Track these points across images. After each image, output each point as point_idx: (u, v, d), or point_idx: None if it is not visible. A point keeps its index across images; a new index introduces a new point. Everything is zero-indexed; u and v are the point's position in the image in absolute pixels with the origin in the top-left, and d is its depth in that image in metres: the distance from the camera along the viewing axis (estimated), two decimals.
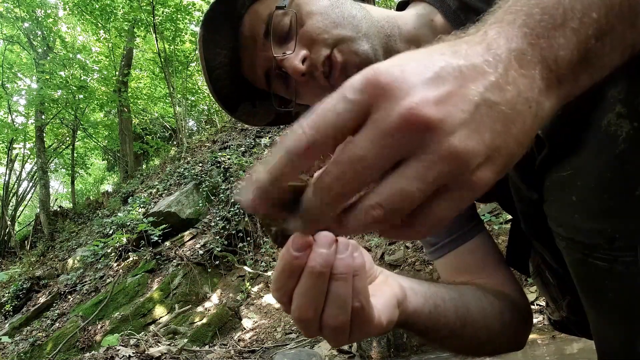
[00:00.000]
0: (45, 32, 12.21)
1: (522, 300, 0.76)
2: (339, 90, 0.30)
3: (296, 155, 0.30)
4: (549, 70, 0.32)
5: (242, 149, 7.81)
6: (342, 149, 0.29)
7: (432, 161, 0.28)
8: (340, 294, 0.39)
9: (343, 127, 0.29)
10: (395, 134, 0.28)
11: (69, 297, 6.42)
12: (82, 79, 12.12)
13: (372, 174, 0.29)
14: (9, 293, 7.28)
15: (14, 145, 12.93)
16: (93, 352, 4.21)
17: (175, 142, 11.92)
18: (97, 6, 10.86)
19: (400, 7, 0.82)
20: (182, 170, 7.63)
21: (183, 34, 10.83)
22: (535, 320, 2.96)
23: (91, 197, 13.77)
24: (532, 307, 3.09)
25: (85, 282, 6.45)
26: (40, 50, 12.35)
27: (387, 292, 0.49)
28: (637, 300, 0.46)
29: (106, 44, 12.72)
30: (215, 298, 5.45)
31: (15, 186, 13.48)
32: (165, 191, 7.58)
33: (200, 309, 5.27)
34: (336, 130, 0.29)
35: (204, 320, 4.94)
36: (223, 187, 6.67)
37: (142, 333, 4.66)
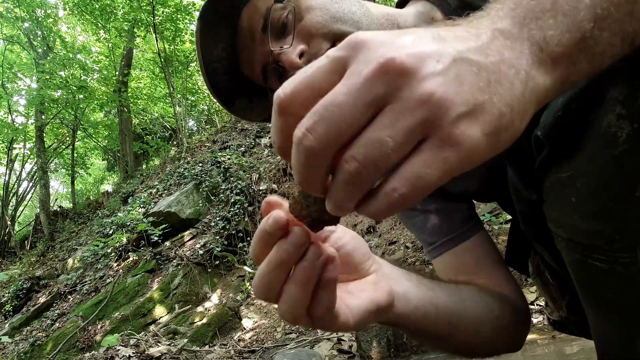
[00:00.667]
0: (45, 32, 12.22)
1: (520, 301, 0.76)
2: (323, 55, 0.31)
3: (281, 114, 0.31)
4: (539, 49, 0.31)
5: (242, 149, 7.81)
6: (320, 101, 0.29)
7: (405, 106, 0.28)
8: (293, 295, 0.39)
9: (322, 81, 0.30)
10: (369, 82, 0.27)
11: (69, 297, 6.42)
12: (82, 79, 12.12)
13: (349, 126, 0.28)
14: (9, 293, 7.28)
15: (14, 145, 12.94)
16: (93, 352, 4.21)
17: (175, 142, 11.92)
18: (97, 6, 10.86)
19: (399, 5, 0.82)
20: (182, 170, 7.63)
21: (183, 34, 10.83)
22: (535, 320, 2.96)
23: (91, 197, 13.77)
24: (532, 307, 3.09)
25: (85, 282, 6.45)
26: (40, 50, 12.36)
27: (366, 296, 0.47)
28: (637, 300, 0.46)
29: (106, 44, 12.72)
30: (215, 298, 5.45)
31: (15, 186, 13.49)
32: (165, 191, 7.58)
33: (200, 309, 5.27)
34: (315, 84, 0.30)
35: (204, 320, 4.94)
36: (223, 187, 6.67)
37: (142, 333, 4.66)
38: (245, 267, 5.69)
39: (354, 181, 0.29)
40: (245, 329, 4.78)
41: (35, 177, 13.61)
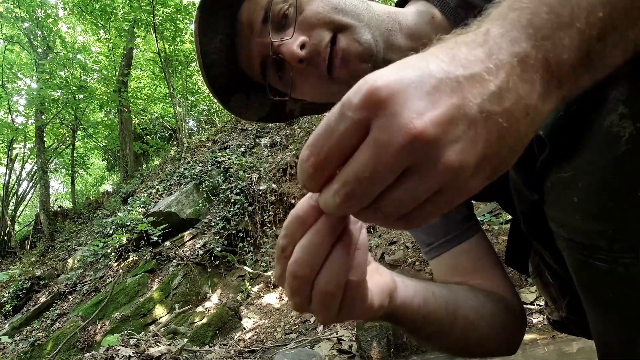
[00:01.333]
0: (45, 32, 12.22)
1: (516, 303, 0.75)
2: (339, 106, 0.31)
3: (310, 177, 0.32)
4: (551, 74, 0.31)
5: (242, 149, 7.82)
6: (347, 169, 0.31)
7: (429, 175, 0.29)
8: (340, 259, 0.38)
9: (347, 146, 0.30)
10: (396, 152, 0.28)
11: (69, 297, 6.42)
12: (82, 79, 12.12)
13: (377, 188, 0.30)
14: (9, 293, 7.28)
15: (14, 145, 12.94)
16: (93, 352, 4.21)
17: (175, 142, 11.92)
18: (97, 6, 10.86)
19: (399, 5, 0.82)
20: (182, 170, 7.63)
21: (183, 34, 10.83)
22: (535, 320, 2.96)
23: (91, 197, 13.78)
24: (532, 307, 3.09)
25: (85, 282, 6.45)
26: (40, 50, 12.36)
27: (379, 279, 0.48)
28: (637, 301, 0.46)
29: (106, 44, 12.72)
30: (215, 298, 5.45)
31: (15, 186, 13.49)
32: (165, 191, 7.58)
33: (200, 309, 5.27)
34: (340, 150, 0.31)
35: (204, 320, 4.94)
36: (223, 187, 6.67)
37: (142, 333, 4.66)
38: (245, 267, 5.69)
39: (379, 222, 0.33)
40: (245, 329, 4.78)
41: (35, 177, 13.62)
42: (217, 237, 5.92)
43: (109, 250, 6.54)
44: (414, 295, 0.55)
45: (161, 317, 5.14)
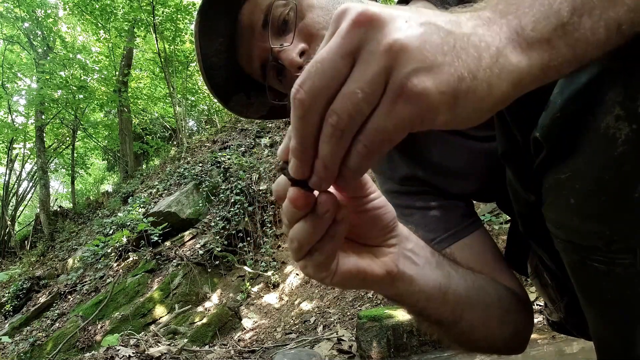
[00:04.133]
0: (45, 32, 12.22)
1: (524, 297, 0.74)
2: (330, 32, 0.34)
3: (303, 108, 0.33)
4: (515, 33, 0.33)
5: (242, 149, 7.81)
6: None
7: (370, 57, 0.30)
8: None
9: (336, 68, 0.32)
10: (344, 35, 0.31)
11: (69, 297, 6.42)
12: (82, 79, 12.12)
13: (332, 79, 0.31)
14: (9, 293, 7.28)
15: (14, 145, 12.95)
16: (93, 352, 4.21)
17: (175, 142, 11.92)
18: (97, 6, 10.86)
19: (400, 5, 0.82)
20: (182, 170, 7.63)
21: (183, 34, 10.82)
22: (535, 320, 2.95)
23: (91, 197, 13.78)
24: (532, 306, 3.08)
25: (85, 282, 6.46)
26: (40, 50, 12.36)
27: (356, 262, 0.47)
28: (635, 302, 0.46)
29: (106, 44, 12.72)
30: (215, 298, 5.45)
31: (15, 186, 13.49)
32: (165, 191, 7.58)
33: (200, 309, 5.27)
34: (329, 72, 0.32)
35: (204, 320, 4.94)
36: (223, 187, 6.67)
37: (142, 333, 4.66)
38: (245, 267, 5.69)
39: (336, 134, 0.32)
40: (245, 329, 4.78)
41: (35, 177, 13.62)
42: (217, 237, 5.91)
43: (109, 250, 6.54)
44: (414, 293, 0.53)
45: (161, 317, 5.14)
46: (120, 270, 6.12)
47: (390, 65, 0.30)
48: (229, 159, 7.14)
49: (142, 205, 7.40)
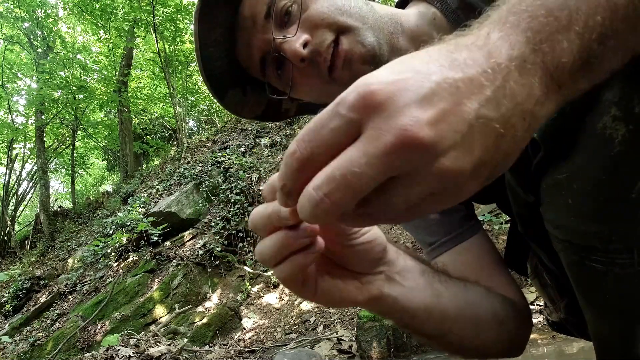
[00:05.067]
0: (45, 32, 12.22)
1: (522, 303, 0.74)
2: (333, 104, 0.30)
3: (293, 171, 0.31)
4: (550, 77, 0.31)
5: (242, 149, 7.82)
6: (335, 165, 0.29)
7: (423, 181, 0.29)
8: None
9: (336, 144, 0.30)
10: (388, 154, 0.28)
11: (69, 297, 6.42)
12: (82, 79, 12.12)
13: (364, 190, 0.29)
14: (9, 293, 7.29)
15: (14, 145, 12.95)
16: (93, 352, 4.22)
17: (175, 142, 11.92)
18: (97, 6, 10.86)
19: (400, 6, 0.81)
20: (182, 170, 7.63)
21: (183, 34, 10.83)
22: (535, 320, 2.96)
23: (91, 197, 13.77)
24: (532, 307, 3.09)
25: (85, 282, 6.46)
26: (40, 50, 12.36)
27: (339, 286, 0.48)
28: (634, 302, 0.46)
29: (106, 44, 12.72)
30: (215, 298, 5.45)
31: (15, 186, 13.50)
32: (165, 191, 7.58)
33: (200, 309, 5.28)
34: (329, 147, 0.30)
35: (204, 320, 4.94)
36: (223, 187, 6.67)
37: (142, 333, 4.66)
38: (245, 267, 5.69)
39: (332, 212, 0.30)
40: (245, 329, 4.79)
41: (35, 177, 13.62)
42: (217, 237, 5.92)
43: (109, 250, 6.54)
44: (398, 311, 0.54)
45: (161, 317, 5.14)
46: (120, 270, 6.13)
47: (443, 188, 0.30)
48: (229, 159, 7.14)
49: (142, 205, 7.40)
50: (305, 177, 0.31)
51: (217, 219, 6.22)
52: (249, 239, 6.02)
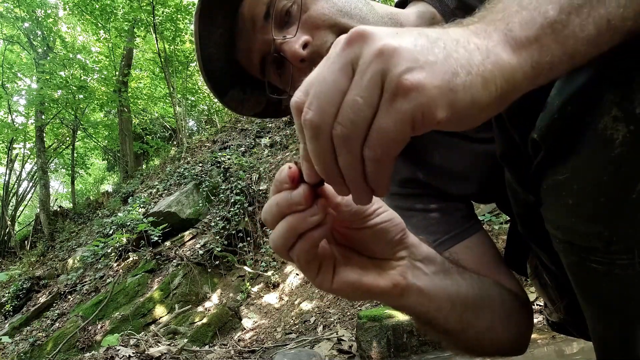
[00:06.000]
0: (45, 32, 12.22)
1: (524, 297, 0.75)
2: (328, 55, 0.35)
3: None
4: (504, 34, 0.34)
5: (242, 149, 7.81)
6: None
7: (364, 65, 0.32)
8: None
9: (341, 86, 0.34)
10: (340, 51, 0.33)
11: (69, 297, 6.42)
12: (82, 79, 12.12)
13: (335, 94, 0.33)
14: (9, 293, 7.29)
15: (14, 145, 12.95)
16: (93, 352, 4.22)
17: (175, 142, 11.92)
18: (97, 6, 10.86)
19: (399, 6, 0.81)
20: (182, 170, 7.63)
21: (183, 34, 10.82)
22: (535, 320, 2.96)
23: (91, 197, 13.78)
24: (532, 307, 3.08)
25: (85, 282, 6.46)
26: (40, 50, 12.36)
27: (359, 275, 0.47)
28: (635, 302, 0.46)
29: (106, 44, 12.72)
30: (215, 298, 5.45)
31: (15, 186, 13.49)
32: (165, 191, 7.58)
33: (200, 309, 5.27)
34: (337, 93, 0.34)
35: (204, 320, 4.94)
36: (223, 187, 6.67)
37: (142, 333, 4.66)
38: (245, 267, 5.69)
39: (345, 144, 0.33)
40: (245, 329, 4.79)
41: (35, 177, 13.62)
42: (217, 237, 5.92)
43: (109, 251, 6.54)
44: (423, 303, 0.53)
45: (161, 317, 5.14)
46: (120, 270, 6.13)
47: (384, 68, 0.31)
48: (229, 159, 7.14)
49: (142, 205, 7.40)
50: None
51: (217, 219, 6.22)
52: (249, 239, 6.02)
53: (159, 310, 5.20)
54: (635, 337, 0.49)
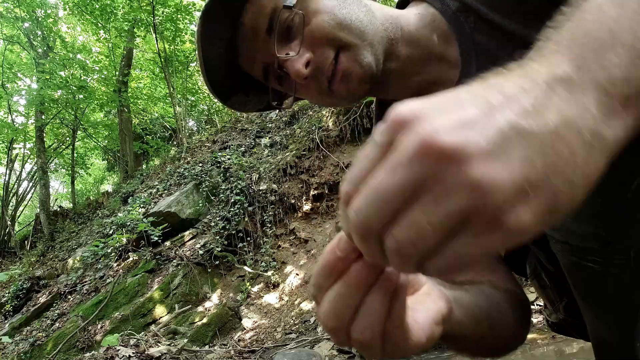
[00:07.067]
0: (45, 32, 12.22)
1: (524, 297, 0.74)
2: (373, 136, 0.30)
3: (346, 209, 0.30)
4: (605, 93, 0.28)
5: (242, 149, 7.81)
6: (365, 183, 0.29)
7: (447, 193, 0.25)
8: (372, 308, 0.36)
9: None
10: (409, 164, 0.26)
11: (69, 297, 6.42)
12: (82, 79, 12.12)
13: (390, 207, 0.27)
14: (9, 293, 7.28)
15: (14, 145, 12.95)
16: (93, 352, 4.22)
17: (175, 142, 11.92)
18: (97, 6, 10.87)
19: (400, 6, 0.81)
20: (182, 170, 7.63)
21: (183, 34, 10.83)
22: (535, 320, 2.96)
23: (91, 197, 13.78)
24: (532, 307, 3.09)
25: (85, 282, 6.46)
26: (40, 50, 12.35)
27: (431, 307, 0.43)
28: (632, 302, 0.46)
29: (106, 44, 12.72)
30: (215, 298, 5.45)
31: (15, 186, 13.50)
32: (165, 191, 7.58)
33: (200, 309, 5.28)
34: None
35: (204, 320, 4.94)
36: (223, 187, 6.67)
37: (142, 333, 4.66)
38: (245, 267, 5.69)
39: (400, 254, 0.28)
40: (245, 329, 4.79)
41: (35, 177, 13.62)
42: (217, 237, 5.92)
43: (109, 251, 6.54)
44: (464, 315, 0.50)
45: (161, 317, 5.15)
46: (120, 270, 6.13)
47: (474, 204, 0.25)
48: (229, 159, 7.14)
49: (142, 205, 7.40)
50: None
51: (217, 219, 6.22)
52: (248, 239, 6.02)
53: (159, 310, 5.20)
54: (633, 337, 0.49)
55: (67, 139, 14.03)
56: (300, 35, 0.68)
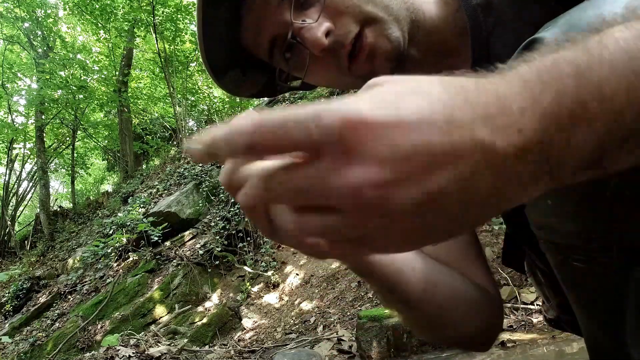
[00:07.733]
0: (45, 32, 12.23)
1: (497, 297, 0.71)
2: (311, 111, 0.26)
3: (231, 145, 0.27)
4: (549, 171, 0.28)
5: None
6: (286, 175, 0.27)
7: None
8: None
9: (284, 148, 0.26)
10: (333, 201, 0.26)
11: (69, 297, 6.43)
12: (82, 79, 12.12)
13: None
14: (9, 293, 7.29)
15: (14, 145, 12.95)
16: (93, 352, 4.22)
17: (175, 142, 11.93)
18: (97, 6, 10.87)
19: None
20: (182, 170, 7.64)
21: (183, 34, 10.83)
22: (535, 320, 2.96)
23: (91, 197, 13.80)
24: (532, 307, 3.09)
25: (85, 282, 6.46)
26: (40, 50, 12.36)
27: None
28: (617, 299, 0.47)
29: (106, 44, 12.73)
30: (215, 298, 5.46)
31: (15, 186, 13.50)
32: (165, 191, 7.59)
33: (200, 309, 5.28)
34: (277, 147, 0.26)
35: (204, 320, 4.95)
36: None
37: (142, 333, 4.67)
38: (245, 267, 5.70)
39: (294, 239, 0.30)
40: (245, 329, 4.79)
41: (35, 177, 13.62)
42: (217, 237, 5.92)
43: (109, 251, 6.55)
44: (387, 265, 0.52)
45: (161, 317, 5.15)
46: (120, 270, 6.13)
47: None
48: None
49: (142, 205, 7.40)
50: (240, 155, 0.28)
51: (217, 219, 6.23)
52: (249, 239, 6.02)
53: (159, 310, 5.21)
54: (622, 335, 0.49)
55: (67, 139, 14.03)
56: (319, 2, 0.59)
